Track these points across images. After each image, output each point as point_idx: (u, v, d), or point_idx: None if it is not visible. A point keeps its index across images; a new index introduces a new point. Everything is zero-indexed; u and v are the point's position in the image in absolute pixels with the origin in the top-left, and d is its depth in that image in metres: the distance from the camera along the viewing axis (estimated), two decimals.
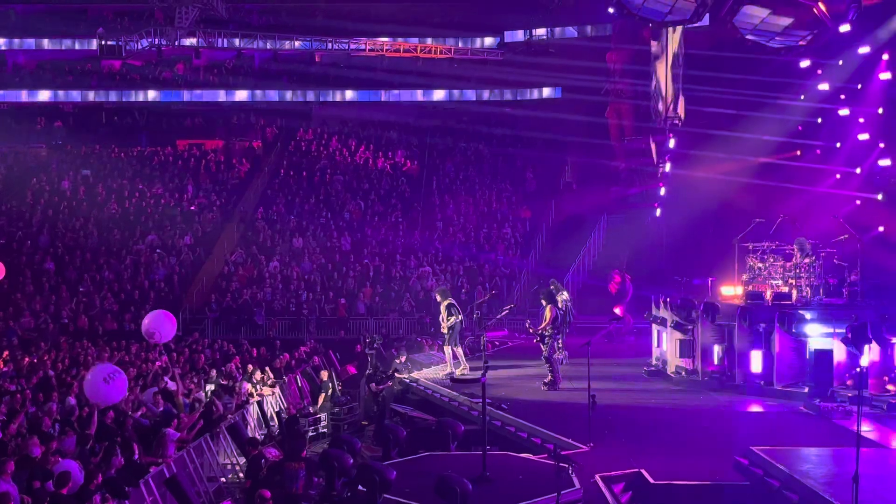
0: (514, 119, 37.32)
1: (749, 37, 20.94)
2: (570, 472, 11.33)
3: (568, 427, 13.40)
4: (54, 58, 37.69)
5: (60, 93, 37.98)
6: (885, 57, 21.80)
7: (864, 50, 22.04)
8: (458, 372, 17.75)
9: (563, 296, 18.53)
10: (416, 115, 38.26)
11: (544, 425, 13.69)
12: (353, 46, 35.77)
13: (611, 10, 22.69)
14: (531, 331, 17.09)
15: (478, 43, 37.47)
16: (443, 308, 17.71)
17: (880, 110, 22.46)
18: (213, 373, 18.05)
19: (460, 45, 37.19)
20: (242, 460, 14.13)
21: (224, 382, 17.16)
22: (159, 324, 15.99)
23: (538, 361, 17.47)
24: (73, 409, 13.90)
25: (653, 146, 29.75)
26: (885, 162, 22.31)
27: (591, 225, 30.19)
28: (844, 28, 21.48)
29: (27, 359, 18.85)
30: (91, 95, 38.02)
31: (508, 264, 28.58)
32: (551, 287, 18.39)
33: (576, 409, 14.09)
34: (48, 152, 35.90)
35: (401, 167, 35.41)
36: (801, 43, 20.97)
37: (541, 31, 36.07)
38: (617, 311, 23.07)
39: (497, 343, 22.95)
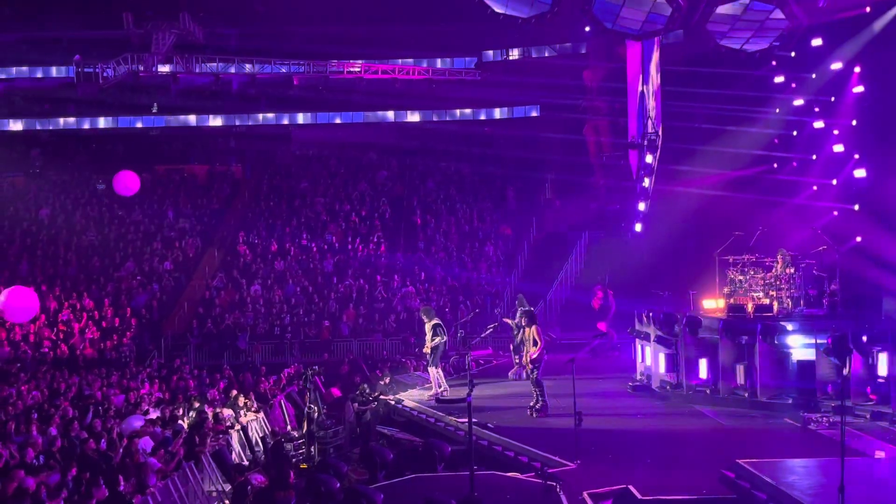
0: (494, 138, 37.48)
1: (723, 42, 21.17)
2: (558, 489, 11.31)
3: (554, 445, 13.37)
4: (31, 86, 37.44)
5: (37, 121, 37.76)
6: (857, 70, 22.16)
7: (836, 66, 22.39)
8: (437, 392, 17.62)
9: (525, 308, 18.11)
10: (395, 136, 38.32)
11: (530, 444, 13.66)
12: (330, 69, 35.89)
13: (587, 28, 22.94)
14: (526, 362, 16.29)
15: (455, 63, 37.65)
16: (428, 328, 17.54)
17: (854, 122, 22.79)
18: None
19: (438, 65, 37.38)
20: (228, 487, 14.00)
21: (208, 409, 17.02)
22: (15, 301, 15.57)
23: (522, 380, 17.35)
24: (55, 440, 13.73)
25: (631, 162, 29.96)
26: (860, 173, 22.59)
27: (572, 241, 30.31)
28: (816, 42, 21.87)
29: (6, 389, 18.59)
30: (68, 122, 37.87)
31: (491, 282, 28.60)
32: (517, 302, 18.24)
33: (562, 427, 14.07)
34: (25, 180, 35.62)
35: (382, 188, 35.44)
36: (773, 43, 21.20)
37: (517, 51, 36.31)
38: (600, 326, 23.13)
39: (482, 362, 22.89)
